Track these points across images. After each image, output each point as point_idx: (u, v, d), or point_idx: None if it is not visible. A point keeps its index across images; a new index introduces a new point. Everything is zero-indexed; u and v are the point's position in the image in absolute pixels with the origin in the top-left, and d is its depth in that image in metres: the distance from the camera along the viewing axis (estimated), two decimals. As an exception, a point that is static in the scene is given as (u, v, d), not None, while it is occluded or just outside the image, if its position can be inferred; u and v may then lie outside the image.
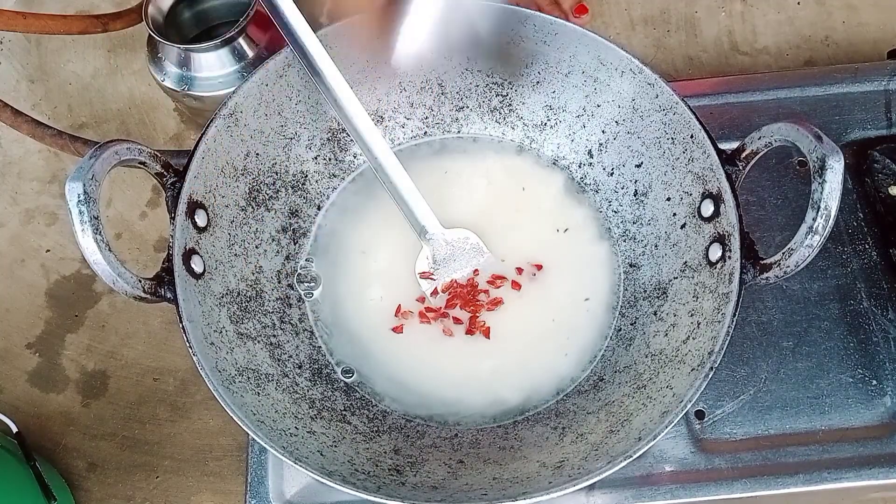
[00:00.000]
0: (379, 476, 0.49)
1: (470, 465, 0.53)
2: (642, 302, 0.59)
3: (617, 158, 0.62)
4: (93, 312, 0.77)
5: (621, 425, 0.51)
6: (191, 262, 0.51)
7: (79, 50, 0.91)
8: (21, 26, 0.71)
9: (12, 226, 0.82)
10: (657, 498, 0.56)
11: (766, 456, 0.57)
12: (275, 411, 0.51)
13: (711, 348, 0.48)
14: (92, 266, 0.45)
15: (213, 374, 0.48)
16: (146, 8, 0.72)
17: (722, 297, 0.50)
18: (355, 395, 0.58)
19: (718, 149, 0.53)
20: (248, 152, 0.58)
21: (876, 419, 0.58)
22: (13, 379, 0.75)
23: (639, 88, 0.58)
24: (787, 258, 0.47)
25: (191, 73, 0.74)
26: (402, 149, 0.67)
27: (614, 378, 0.56)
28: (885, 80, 0.70)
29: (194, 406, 0.72)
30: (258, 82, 0.58)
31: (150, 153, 0.50)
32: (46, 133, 0.73)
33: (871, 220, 0.64)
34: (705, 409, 0.59)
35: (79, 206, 0.44)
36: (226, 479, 0.70)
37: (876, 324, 0.61)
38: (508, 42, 0.62)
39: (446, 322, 0.60)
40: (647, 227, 0.60)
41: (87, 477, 0.70)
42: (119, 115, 0.87)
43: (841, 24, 0.87)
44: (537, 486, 0.47)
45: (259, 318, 0.57)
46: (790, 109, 0.69)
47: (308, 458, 0.48)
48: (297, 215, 0.63)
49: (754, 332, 0.61)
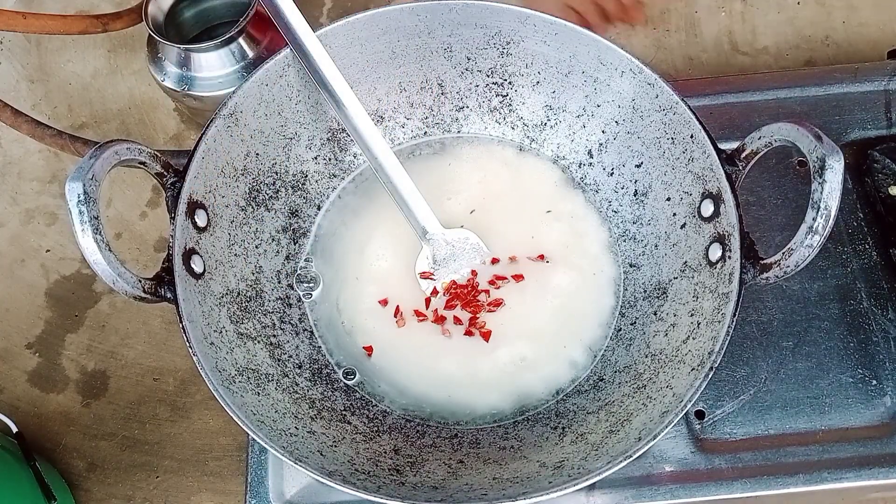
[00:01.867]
0: (379, 476, 0.49)
1: (470, 465, 0.53)
2: (642, 302, 0.59)
3: (617, 158, 0.62)
4: (93, 312, 0.77)
5: (621, 425, 0.51)
6: (191, 262, 0.51)
7: (79, 50, 0.91)
8: (21, 26, 0.71)
9: (12, 226, 0.82)
10: (657, 498, 0.56)
11: (766, 456, 0.57)
12: (275, 411, 0.51)
13: (711, 348, 0.48)
14: (92, 266, 0.45)
15: (213, 374, 0.48)
16: (146, 8, 0.72)
17: (722, 297, 0.50)
18: (355, 395, 0.58)
19: (718, 149, 0.53)
20: (248, 152, 0.58)
21: (876, 419, 0.58)
22: (13, 379, 0.75)
23: (639, 88, 0.58)
24: (787, 258, 0.47)
25: (191, 73, 0.74)
26: (401, 149, 0.67)
27: (614, 378, 0.56)
28: (885, 80, 0.70)
29: (194, 406, 0.72)
30: (258, 82, 0.58)
31: (150, 153, 0.50)
32: (46, 133, 0.73)
33: (871, 220, 0.64)
34: (705, 409, 0.59)
35: (79, 206, 0.44)
36: (226, 479, 0.70)
37: (876, 324, 0.61)
38: (508, 41, 0.62)
39: (446, 323, 0.60)
40: (647, 227, 0.60)
41: (87, 477, 0.70)
42: (119, 115, 0.87)
43: (841, 24, 0.87)
44: (537, 486, 0.47)
45: (259, 318, 0.57)
46: (790, 109, 0.69)
47: (308, 458, 0.48)
48: (297, 215, 0.63)
49: (754, 332, 0.61)
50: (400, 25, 0.61)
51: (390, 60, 0.63)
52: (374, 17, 0.60)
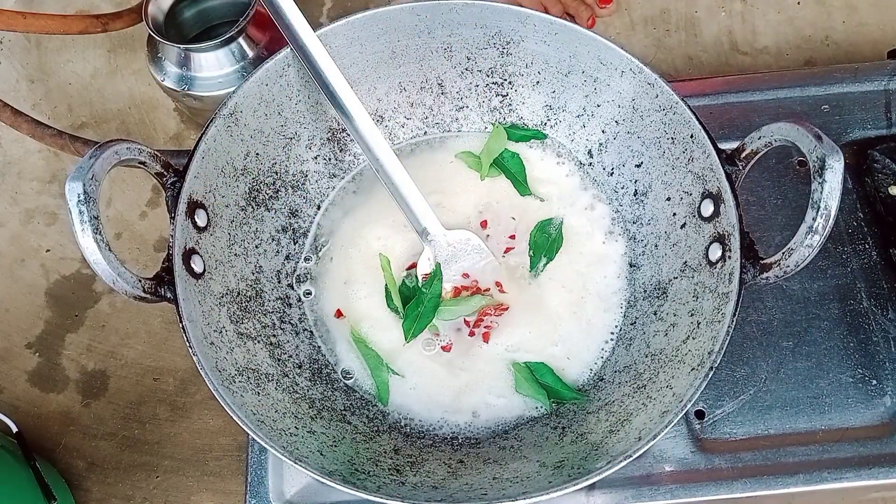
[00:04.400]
0: (379, 476, 0.49)
1: (470, 465, 0.53)
2: (642, 302, 0.59)
3: (617, 158, 0.62)
4: (93, 312, 0.77)
5: (621, 425, 0.51)
6: (191, 261, 0.51)
7: (79, 50, 0.91)
8: (21, 26, 0.71)
9: (12, 226, 0.82)
10: (657, 498, 0.56)
11: (766, 456, 0.57)
12: (275, 411, 0.51)
13: (711, 348, 0.48)
14: (92, 266, 0.45)
15: (213, 374, 0.48)
16: (146, 8, 0.72)
17: (722, 297, 0.50)
18: (355, 395, 0.58)
19: (718, 149, 0.53)
20: (248, 152, 0.58)
21: (876, 419, 0.58)
22: (13, 379, 0.75)
23: (639, 88, 0.58)
24: (787, 258, 0.47)
25: (191, 73, 0.74)
26: (402, 148, 0.67)
27: (614, 378, 0.56)
28: (885, 80, 0.70)
29: (194, 406, 0.72)
30: (258, 82, 0.58)
31: (149, 153, 0.50)
32: (46, 133, 0.73)
33: (871, 220, 0.64)
34: (705, 409, 0.59)
35: (79, 205, 0.44)
36: (226, 479, 0.70)
37: (876, 324, 0.61)
38: (508, 41, 0.62)
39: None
40: (647, 227, 0.60)
41: (87, 477, 0.70)
42: (119, 115, 0.87)
43: (841, 24, 0.87)
44: (537, 486, 0.47)
45: (259, 318, 0.57)
46: (790, 109, 0.69)
47: (308, 458, 0.48)
48: (297, 215, 0.63)
49: (754, 332, 0.61)
50: (400, 25, 0.61)
51: (390, 60, 0.63)
52: (374, 16, 0.60)
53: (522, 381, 0.57)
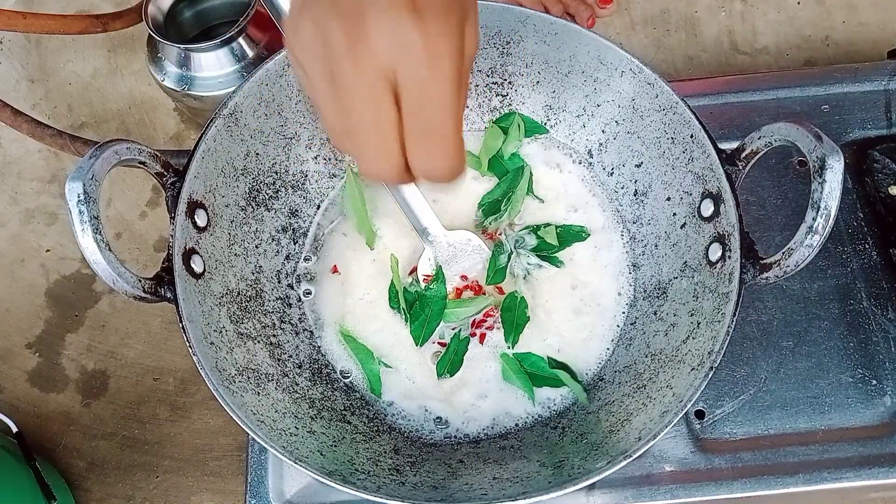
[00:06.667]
0: (379, 476, 0.49)
1: (470, 465, 0.53)
2: (642, 302, 0.59)
3: (617, 158, 0.62)
4: (93, 312, 0.77)
5: (621, 425, 0.51)
6: (191, 261, 0.51)
7: (79, 50, 0.91)
8: (21, 26, 0.71)
9: (12, 226, 0.82)
10: (657, 498, 0.56)
11: (766, 456, 0.57)
12: (275, 411, 0.51)
13: (711, 348, 0.48)
14: (92, 266, 0.45)
15: (213, 374, 0.48)
16: (146, 8, 0.72)
17: (722, 297, 0.50)
18: (355, 395, 0.58)
19: (718, 148, 0.53)
20: (248, 152, 0.58)
21: (876, 419, 0.58)
22: (13, 379, 0.75)
23: (639, 88, 0.58)
24: (787, 258, 0.47)
25: (191, 73, 0.74)
26: (402, 149, 0.66)
27: (614, 378, 0.56)
28: (885, 80, 0.70)
29: (194, 406, 0.72)
30: (258, 82, 0.58)
31: (149, 153, 0.50)
32: (46, 133, 0.73)
33: (871, 220, 0.65)
34: (705, 409, 0.59)
35: (79, 205, 0.44)
36: (226, 479, 0.70)
37: (876, 324, 0.61)
38: (508, 41, 0.62)
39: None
40: (647, 226, 0.60)
41: (87, 477, 0.70)
42: (119, 114, 0.87)
43: (841, 24, 0.87)
44: (537, 486, 0.47)
45: (259, 317, 0.57)
46: (790, 109, 0.69)
47: (308, 458, 0.48)
48: (297, 215, 0.63)
49: (754, 332, 0.61)
50: (400, 25, 0.61)
51: (390, 60, 0.63)
52: None
53: (508, 371, 0.57)
